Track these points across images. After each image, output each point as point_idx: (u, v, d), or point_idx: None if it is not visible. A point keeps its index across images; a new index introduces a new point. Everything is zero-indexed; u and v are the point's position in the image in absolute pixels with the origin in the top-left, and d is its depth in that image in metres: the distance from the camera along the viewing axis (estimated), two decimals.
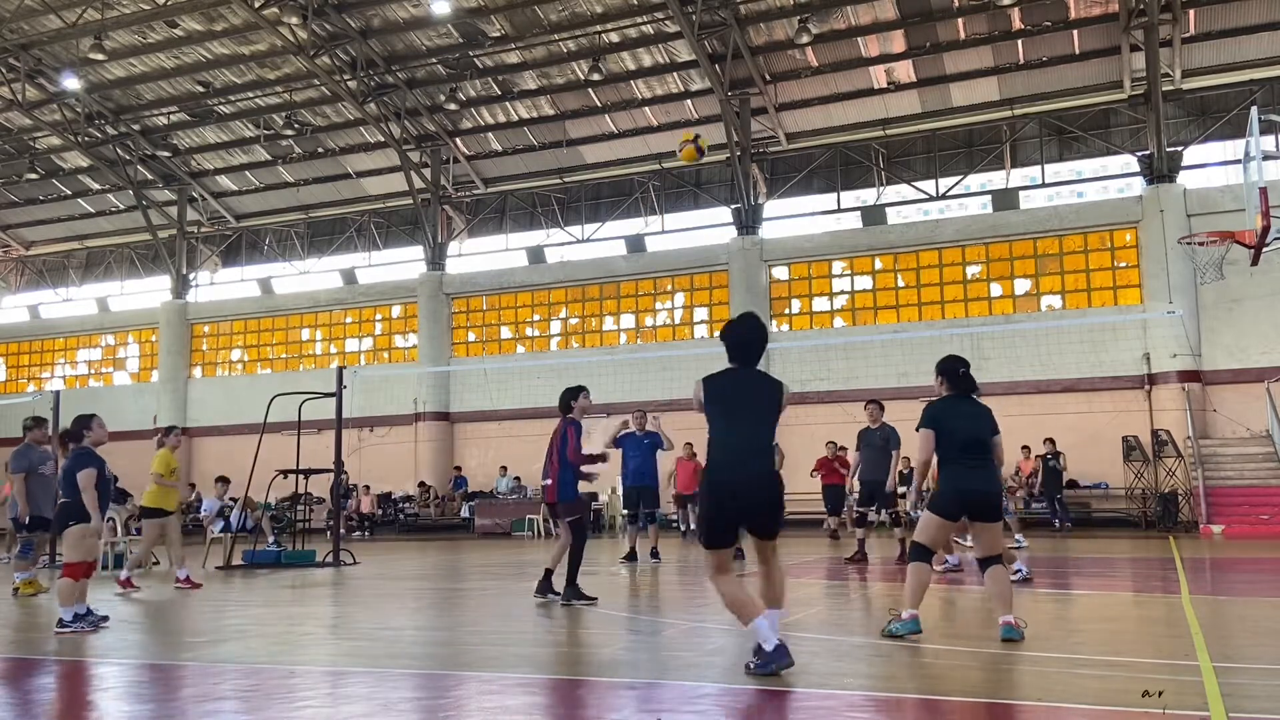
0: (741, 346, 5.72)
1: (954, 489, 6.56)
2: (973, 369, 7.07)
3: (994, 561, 6.53)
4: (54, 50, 26.97)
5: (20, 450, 10.83)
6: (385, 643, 7.04)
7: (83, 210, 33.83)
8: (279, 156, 30.36)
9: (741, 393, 5.64)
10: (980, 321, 23.47)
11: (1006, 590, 6.52)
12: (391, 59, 26.31)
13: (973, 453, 6.61)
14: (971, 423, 6.70)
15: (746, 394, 5.64)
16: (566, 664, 6.22)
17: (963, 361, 6.93)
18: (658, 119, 26.89)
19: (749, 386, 5.68)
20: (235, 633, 7.80)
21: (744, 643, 6.68)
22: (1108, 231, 23.00)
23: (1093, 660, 5.64)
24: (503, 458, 26.76)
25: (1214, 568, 12.46)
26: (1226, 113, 22.34)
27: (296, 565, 14.41)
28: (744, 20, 23.68)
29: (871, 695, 5.01)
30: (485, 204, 29.52)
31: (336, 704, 5.10)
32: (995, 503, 6.62)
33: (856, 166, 25.73)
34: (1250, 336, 21.13)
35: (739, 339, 5.72)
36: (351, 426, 15.96)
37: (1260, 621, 7.63)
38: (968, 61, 23.94)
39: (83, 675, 6.16)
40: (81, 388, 33.92)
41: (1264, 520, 18.11)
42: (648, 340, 27.04)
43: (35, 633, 8.23)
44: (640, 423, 13.81)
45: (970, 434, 6.65)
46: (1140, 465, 20.88)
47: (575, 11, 24.14)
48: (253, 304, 31.85)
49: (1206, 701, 4.51)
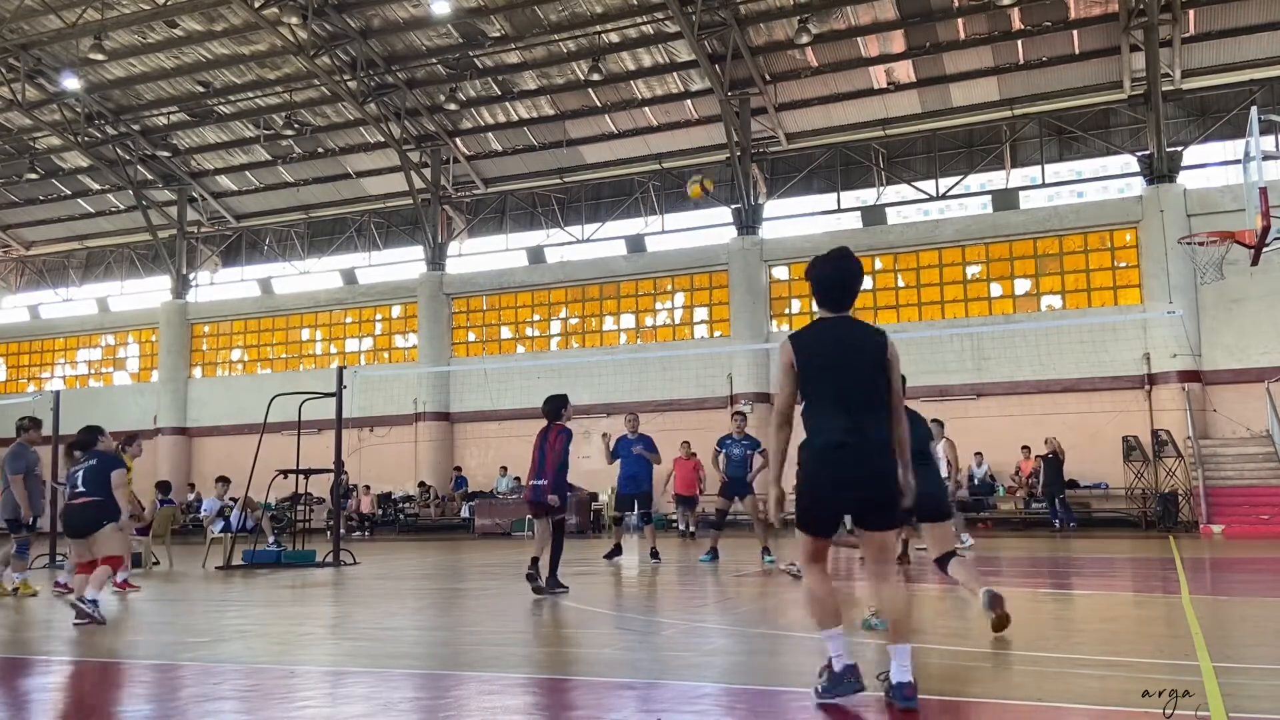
0: (834, 285, 4.57)
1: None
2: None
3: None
4: (54, 50, 26.97)
5: (16, 450, 10.78)
6: (385, 643, 7.04)
7: (83, 210, 33.84)
8: (279, 156, 30.36)
9: (840, 349, 4.48)
10: (980, 321, 23.46)
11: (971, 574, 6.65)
12: (391, 59, 26.31)
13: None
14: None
15: (846, 350, 4.48)
16: (566, 664, 6.21)
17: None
18: (658, 119, 26.90)
19: (848, 340, 4.51)
20: (235, 633, 7.79)
21: (743, 643, 6.69)
22: (1108, 231, 23.00)
23: (1093, 660, 5.64)
24: (503, 458, 26.76)
25: (1214, 568, 12.46)
26: (1226, 113, 22.34)
27: (296, 565, 14.41)
28: (744, 20, 23.69)
29: (872, 695, 5.00)
30: (485, 204, 29.52)
31: (336, 704, 5.10)
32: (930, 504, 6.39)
33: (856, 166, 25.73)
34: (1250, 336, 21.13)
35: (823, 276, 4.57)
36: (351, 426, 15.95)
37: (1260, 621, 7.63)
38: (968, 61, 23.94)
39: (83, 675, 6.16)
40: (81, 388, 33.93)
41: (1264, 520, 18.12)
42: (648, 340, 27.05)
43: (34, 632, 8.24)
44: (632, 425, 13.94)
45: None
46: (1140, 465, 20.87)
47: (575, 11, 24.14)
48: (253, 304, 31.85)
49: (1206, 701, 4.51)
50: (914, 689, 4.28)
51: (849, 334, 4.51)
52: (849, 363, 4.45)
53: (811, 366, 4.47)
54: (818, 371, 4.46)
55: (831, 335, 4.51)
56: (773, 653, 6.34)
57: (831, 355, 4.47)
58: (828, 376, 4.45)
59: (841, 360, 4.45)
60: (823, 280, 4.56)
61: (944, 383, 22.05)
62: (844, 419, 4.37)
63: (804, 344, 4.53)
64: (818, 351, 4.49)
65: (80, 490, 8.40)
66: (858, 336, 4.51)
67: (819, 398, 4.46)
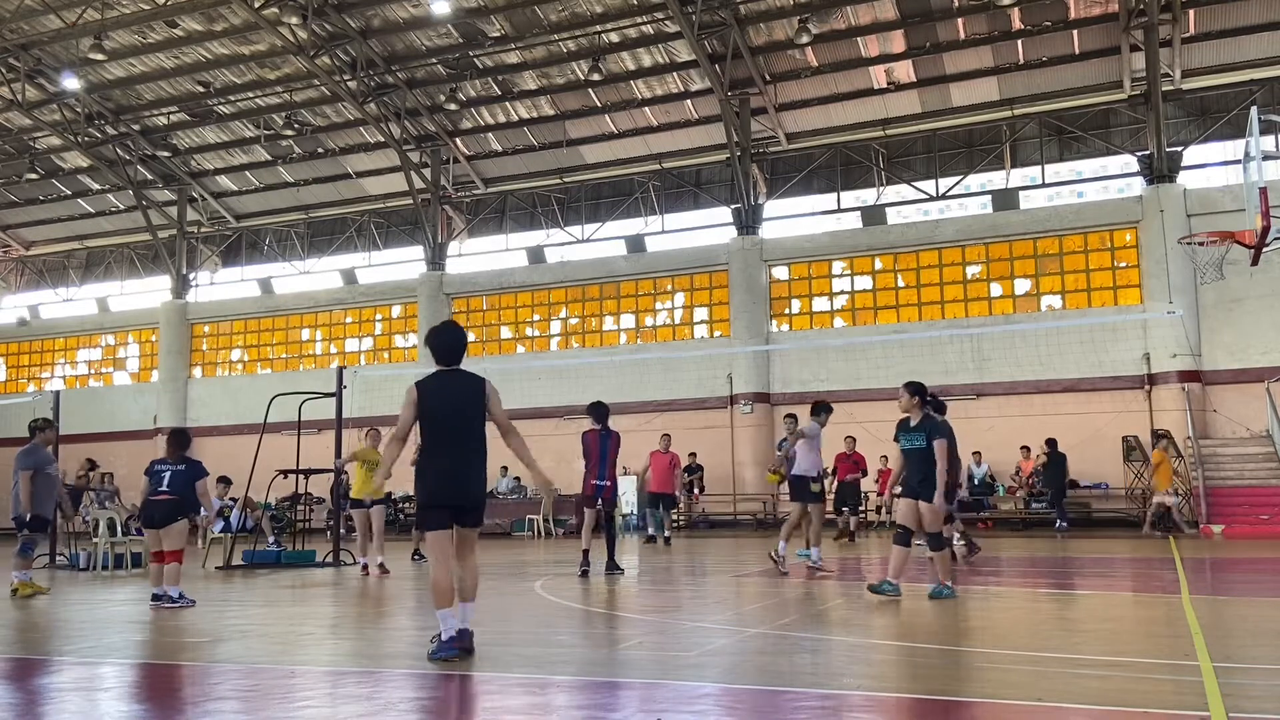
0: (447, 350, 6.24)
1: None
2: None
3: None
4: (54, 50, 26.97)
5: (29, 449, 11.07)
6: (385, 643, 7.04)
7: (83, 210, 33.83)
8: (279, 156, 30.36)
9: (451, 393, 6.16)
10: (980, 321, 23.45)
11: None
12: (391, 59, 26.31)
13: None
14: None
15: (455, 394, 6.15)
16: (566, 664, 6.22)
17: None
18: (658, 119, 26.89)
19: (455, 385, 6.18)
20: (235, 633, 7.80)
21: (743, 643, 6.69)
22: (1108, 231, 22.99)
23: (1093, 660, 5.64)
24: (503, 458, 26.70)
25: (1214, 568, 12.46)
26: (1226, 113, 22.34)
27: (296, 565, 14.42)
28: (744, 20, 23.68)
29: (871, 695, 5.00)
30: (485, 204, 29.52)
31: (336, 704, 5.10)
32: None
33: (856, 166, 25.73)
34: (1250, 336, 21.12)
35: (440, 343, 6.29)
36: (351, 426, 15.94)
37: (1260, 621, 7.63)
38: (968, 61, 23.94)
39: (83, 675, 6.16)
40: (81, 388, 33.94)
41: (1264, 520, 18.11)
42: (648, 340, 27.04)
43: (35, 633, 8.24)
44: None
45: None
46: (1140, 465, 20.87)
47: (575, 11, 24.14)
48: (253, 304, 31.84)
49: (1206, 701, 4.51)
50: (469, 637, 5.92)
51: (456, 380, 6.14)
52: (457, 404, 6.05)
53: (427, 405, 6.03)
54: (433, 409, 6.02)
55: (446, 382, 6.12)
56: (773, 653, 6.34)
57: (444, 397, 6.05)
58: (442, 413, 6.02)
59: (451, 401, 6.04)
60: (438, 347, 6.19)
61: (944, 383, 21.98)
62: (452, 446, 6.01)
63: (426, 389, 6.09)
64: (435, 393, 6.07)
65: (165, 489, 9.63)
66: (462, 382, 6.13)
67: (436, 428, 6.04)
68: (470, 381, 6.16)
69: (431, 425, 6.05)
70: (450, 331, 6.29)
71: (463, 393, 6.11)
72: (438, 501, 6.05)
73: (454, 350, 6.21)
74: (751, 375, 24.81)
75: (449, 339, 6.25)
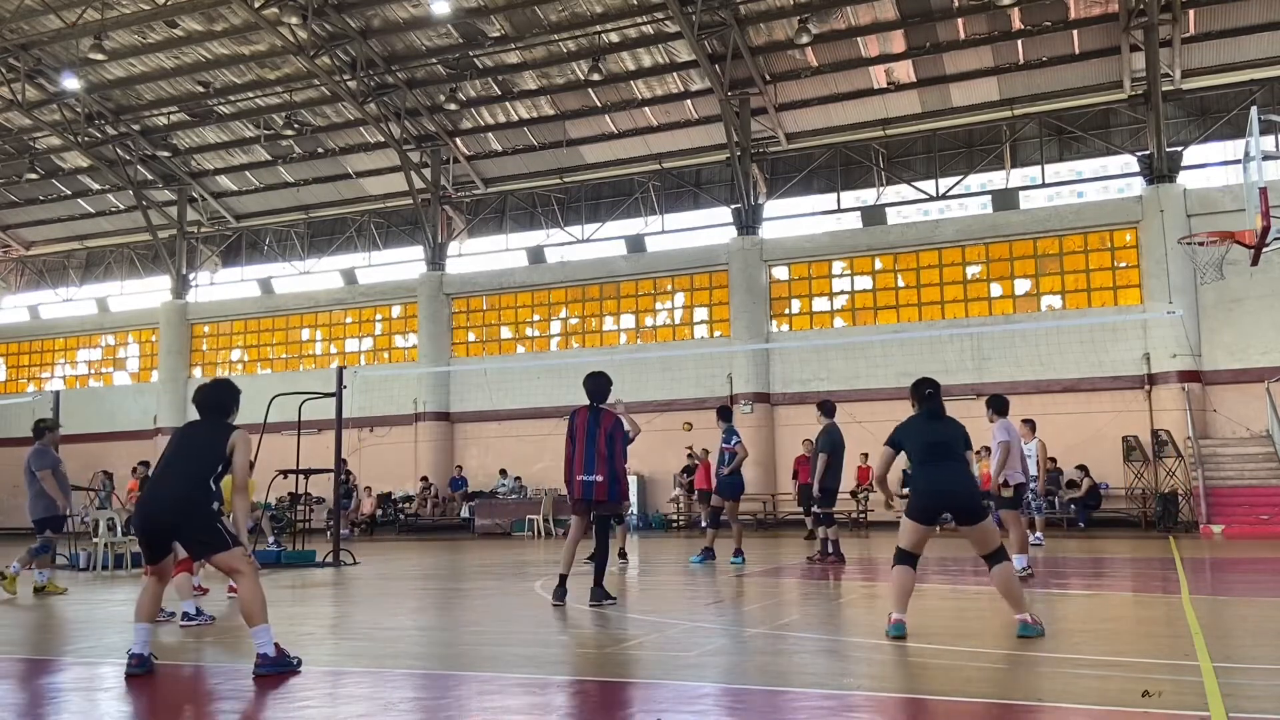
0: (200, 405, 6.41)
1: (923, 490, 6.77)
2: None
3: (996, 559, 6.60)
4: (54, 50, 26.97)
5: (41, 450, 11.16)
6: (385, 643, 7.04)
7: (83, 210, 33.83)
8: (279, 156, 30.36)
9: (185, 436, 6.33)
10: (980, 321, 23.45)
11: (1013, 588, 6.64)
12: (391, 59, 26.31)
13: (938, 454, 6.80)
14: (934, 429, 7.02)
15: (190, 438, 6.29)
16: (567, 664, 6.22)
17: (930, 383, 7.36)
18: (658, 119, 26.89)
19: (191, 433, 6.36)
20: (235, 632, 7.79)
21: (743, 643, 6.69)
22: (1108, 231, 22.99)
23: (1093, 660, 5.64)
24: (503, 458, 26.76)
25: (1214, 568, 12.46)
26: (1226, 113, 22.34)
27: (296, 565, 14.42)
28: (744, 20, 23.68)
29: (871, 695, 5.00)
30: (485, 204, 29.52)
31: (336, 704, 5.10)
32: (966, 502, 6.69)
33: (856, 166, 25.73)
34: (1250, 336, 21.12)
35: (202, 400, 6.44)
36: (351, 426, 15.94)
37: (1260, 621, 7.63)
38: (968, 61, 23.94)
39: (83, 675, 6.16)
40: (81, 388, 33.93)
41: (1264, 520, 18.11)
42: (648, 340, 27.05)
43: (35, 633, 8.24)
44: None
45: (933, 438, 6.90)
46: (1140, 465, 20.87)
47: (575, 11, 24.14)
48: (253, 304, 31.84)
49: (1206, 701, 4.51)
50: (270, 660, 5.67)
51: (196, 430, 6.31)
52: (189, 446, 6.18)
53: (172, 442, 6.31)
54: (173, 444, 6.27)
55: (187, 430, 6.33)
56: (773, 653, 6.34)
57: (177, 439, 6.28)
58: (173, 446, 6.24)
59: (184, 443, 6.21)
60: (194, 400, 6.39)
61: (944, 383, 21.86)
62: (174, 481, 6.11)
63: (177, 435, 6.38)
64: (175, 438, 6.32)
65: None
66: (202, 431, 6.25)
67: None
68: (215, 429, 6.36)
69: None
70: (205, 390, 6.46)
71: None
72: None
73: (207, 406, 6.38)
74: (751, 375, 24.82)
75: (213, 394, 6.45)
